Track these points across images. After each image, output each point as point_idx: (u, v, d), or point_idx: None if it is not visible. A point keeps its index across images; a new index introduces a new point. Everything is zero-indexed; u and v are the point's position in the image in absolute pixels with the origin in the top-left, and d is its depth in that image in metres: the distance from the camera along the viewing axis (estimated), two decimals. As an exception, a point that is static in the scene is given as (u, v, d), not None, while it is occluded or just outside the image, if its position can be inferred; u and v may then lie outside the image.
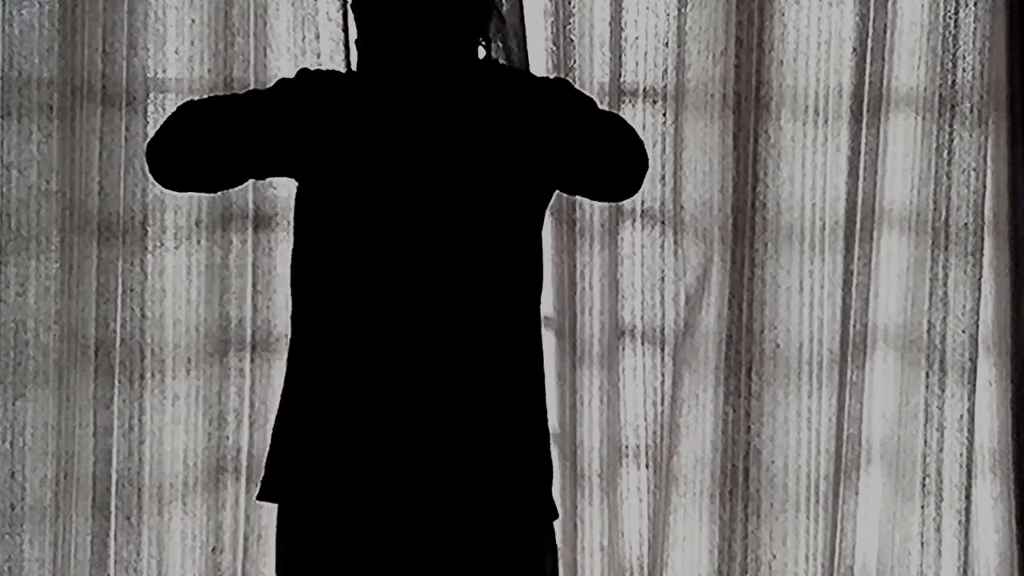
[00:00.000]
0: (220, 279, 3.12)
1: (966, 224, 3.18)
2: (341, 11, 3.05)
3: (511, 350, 2.33)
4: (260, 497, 2.41)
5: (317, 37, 3.03)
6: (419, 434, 2.27)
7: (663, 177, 3.21)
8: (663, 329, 3.24)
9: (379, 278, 2.28)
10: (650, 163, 3.16)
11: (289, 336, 2.40)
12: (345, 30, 3.02)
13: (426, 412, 2.27)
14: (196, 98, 2.40)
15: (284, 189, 3.09)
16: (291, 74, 2.44)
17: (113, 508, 3.09)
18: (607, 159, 2.32)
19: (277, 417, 2.40)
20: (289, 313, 2.40)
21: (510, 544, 2.32)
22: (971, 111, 3.17)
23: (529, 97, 2.27)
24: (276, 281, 3.11)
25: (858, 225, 3.21)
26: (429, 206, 2.27)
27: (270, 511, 3.13)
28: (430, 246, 2.27)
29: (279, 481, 2.36)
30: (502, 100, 2.26)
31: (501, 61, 2.53)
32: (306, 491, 2.33)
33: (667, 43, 3.18)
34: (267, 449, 3.11)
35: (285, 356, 3.09)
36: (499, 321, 2.31)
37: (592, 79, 3.14)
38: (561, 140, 2.25)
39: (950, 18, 3.17)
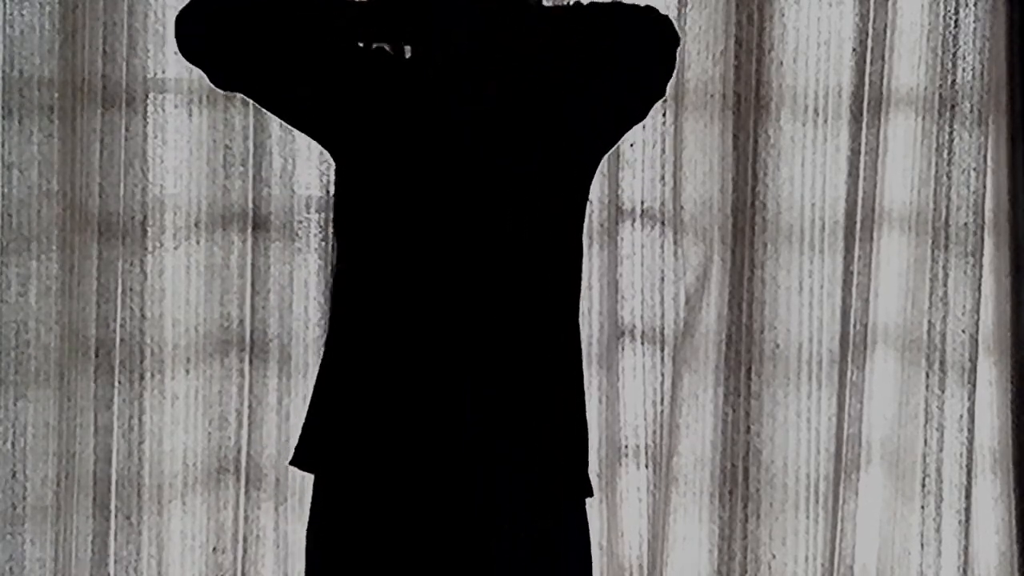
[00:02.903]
0: (220, 279, 3.12)
1: (966, 224, 3.18)
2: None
3: (552, 337, 2.33)
4: (292, 463, 2.40)
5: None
6: (445, 415, 2.26)
7: (663, 177, 3.22)
8: (663, 329, 3.24)
9: (420, 259, 2.27)
10: (651, 160, 3.21)
11: (329, 309, 2.40)
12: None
13: (453, 396, 2.26)
14: None
15: (278, 188, 3.10)
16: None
17: (113, 508, 3.10)
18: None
19: (315, 388, 2.39)
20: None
21: (516, 531, 2.32)
22: (971, 111, 3.16)
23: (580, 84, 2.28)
24: (271, 281, 3.11)
25: (858, 225, 3.21)
26: (472, 191, 2.27)
27: (268, 511, 3.16)
28: (472, 233, 2.26)
29: (312, 450, 2.36)
30: (545, 88, 2.27)
31: None
32: (337, 461, 2.32)
33: (667, 43, 3.18)
34: (266, 448, 3.16)
35: (278, 357, 3.15)
36: (539, 308, 2.31)
37: (592, 79, 3.14)
38: (605, 134, 2.32)
39: (950, 18, 3.17)
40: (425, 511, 2.28)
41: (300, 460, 2.38)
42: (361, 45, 2.36)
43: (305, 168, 3.08)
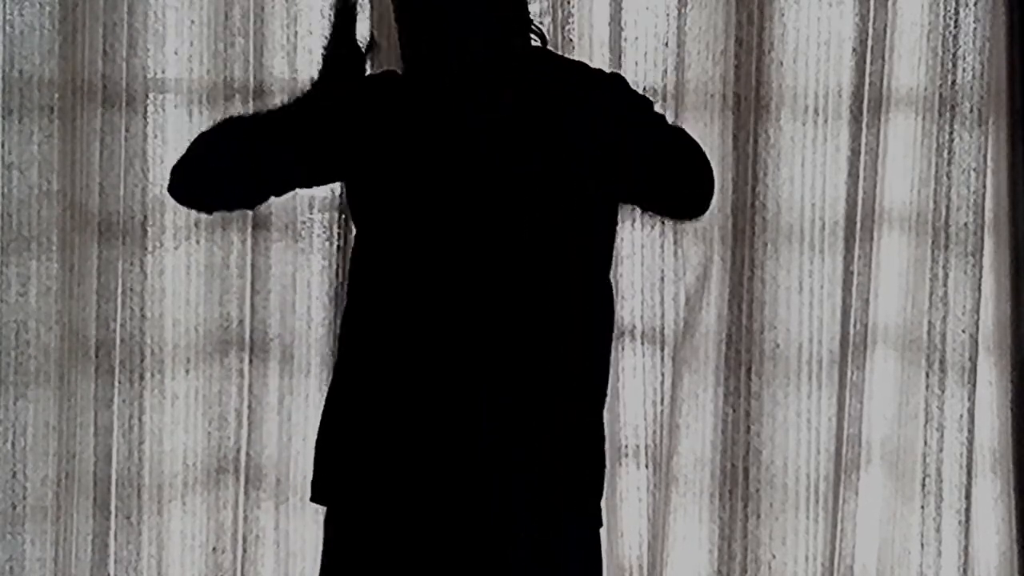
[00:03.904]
0: (220, 279, 3.12)
1: (966, 224, 3.18)
2: (333, 10, 3.06)
3: (567, 347, 2.33)
4: (313, 499, 2.40)
5: (310, 33, 3.04)
6: (461, 436, 2.26)
7: (663, 177, 3.21)
8: (663, 329, 3.24)
9: (436, 268, 2.27)
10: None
11: (339, 332, 2.41)
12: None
13: (468, 416, 2.26)
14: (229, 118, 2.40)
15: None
16: (285, 71, 2.45)
17: (113, 508, 3.09)
18: (662, 176, 2.33)
19: (327, 416, 2.38)
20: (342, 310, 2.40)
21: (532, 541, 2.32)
22: (971, 111, 3.16)
23: (583, 98, 2.28)
24: (272, 281, 3.11)
25: (858, 225, 3.21)
26: (481, 207, 2.27)
27: (268, 511, 3.16)
28: (489, 241, 2.26)
29: (330, 483, 2.35)
30: (553, 102, 2.27)
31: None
32: (356, 493, 2.32)
33: (667, 43, 3.18)
34: (266, 448, 3.16)
35: (279, 357, 3.15)
36: (554, 317, 2.30)
37: (592, 79, 3.14)
38: (609, 149, 2.28)
39: (950, 18, 3.16)
40: (441, 518, 2.28)
41: (320, 495, 2.37)
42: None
43: (307, 168, 3.08)
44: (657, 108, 2.48)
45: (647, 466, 3.26)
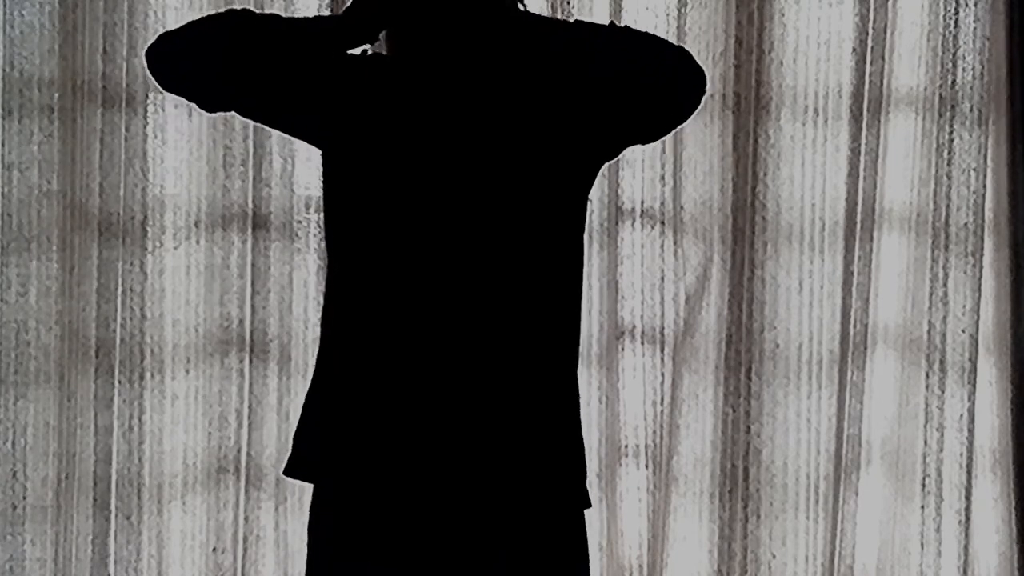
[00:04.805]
0: (220, 279, 3.12)
1: (966, 224, 3.18)
2: (329, 7, 3.06)
3: (551, 342, 2.32)
4: (286, 472, 2.39)
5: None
6: (434, 420, 2.25)
7: (663, 177, 3.22)
8: (663, 329, 3.25)
9: (418, 261, 2.26)
10: (651, 160, 3.20)
11: (321, 312, 2.40)
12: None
13: (445, 398, 2.25)
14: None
15: (278, 188, 3.10)
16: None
17: (114, 508, 3.10)
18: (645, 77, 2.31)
19: (308, 393, 2.38)
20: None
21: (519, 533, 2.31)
22: (971, 111, 3.17)
23: (557, 52, 2.27)
24: (271, 281, 3.12)
25: (858, 225, 3.21)
26: (460, 184, 2.26)
27: (268, 511, 3.16)
28: (470, 235, 2.25)
29: (307, 459, 2.35)
30: (539, 63, 2.26)
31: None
32: (333, 470, 2.31)
33: (667, 43, 3.18)
34: (266, 448, 3.16)
35: (279, 357, 3.15)
36: (538, 312, 2.29)
37: (591, 79, 3.14)
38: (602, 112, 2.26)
39: (950, 18, 3.17)
40: (426, 519, 2.27)
41: (294, 470, 2.36)
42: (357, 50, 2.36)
43: (305, 168, 3.09)
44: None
45: (647, 466, 3.26)
